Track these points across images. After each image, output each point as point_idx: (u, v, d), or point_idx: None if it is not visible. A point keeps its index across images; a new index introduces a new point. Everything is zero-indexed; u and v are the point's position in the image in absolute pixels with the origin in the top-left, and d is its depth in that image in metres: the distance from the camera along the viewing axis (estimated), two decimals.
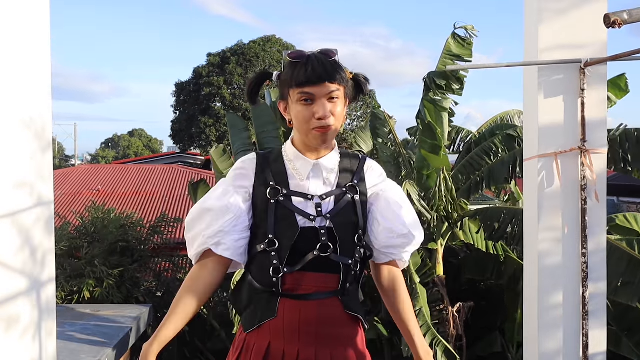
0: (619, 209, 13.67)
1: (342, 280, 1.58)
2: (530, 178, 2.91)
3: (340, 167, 1.67)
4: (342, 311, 1.58)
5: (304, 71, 1.54)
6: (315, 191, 1.61)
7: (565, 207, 2.78)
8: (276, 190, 1.60)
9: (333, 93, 1.56)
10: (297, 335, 1.54)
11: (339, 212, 1.59)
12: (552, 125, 2.77)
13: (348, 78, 1.64)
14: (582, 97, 2.73)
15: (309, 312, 1.54)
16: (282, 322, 1.55)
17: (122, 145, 53.66)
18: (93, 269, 6.25)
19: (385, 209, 1.65)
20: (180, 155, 24.83)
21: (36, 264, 2.47)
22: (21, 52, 2.35)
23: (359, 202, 1.63)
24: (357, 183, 1.66)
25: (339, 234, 1.57)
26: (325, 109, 1.55)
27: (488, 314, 6.26)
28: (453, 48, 5.25)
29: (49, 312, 2.58)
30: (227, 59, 25.90)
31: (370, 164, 1.73)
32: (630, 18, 1.43)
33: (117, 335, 4.54)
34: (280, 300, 1.56)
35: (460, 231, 5.87)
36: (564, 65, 2.75)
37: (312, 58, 1.57)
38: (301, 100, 1.56)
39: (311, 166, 1.63)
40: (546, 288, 2.77)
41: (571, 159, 2.76)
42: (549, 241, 2.77)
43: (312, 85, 1.54)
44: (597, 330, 2.75)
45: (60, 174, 16.03)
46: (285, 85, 1.60)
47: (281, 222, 1.58)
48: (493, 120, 7.41)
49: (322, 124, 1.55)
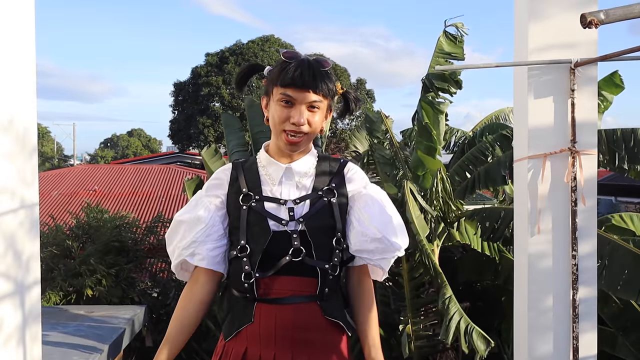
0: (616, 209, 13.65)
1: (320, 285, 1.56)
2: (520, 179, 2.88)
3: (318, 170, 1.65)
4: (320, 316, 1.56)
5: (292, 73, 1.53)
6: (288, 195, 1.60)
7: (556, 209, 2.75)
8: (248, 196, 1.60)
9: (315, 103, 1.55)
10: (274, 340, 1.53)
11: (314, 215, 1.58)
12: (542, 126, 2.75)
13: (338, 92, 1.64)
14: (572, 98, 2.71)
15: (284, 316, 1.54)
16: (259, 327, 1.54)
17: (121, 145, 53.69)
18: (89, 267, 6.22)
19: (361, 211, 1.62)
20: (179, 155, 24.86)
21: (20, 267, 2.45)
22: (3, 52, 2.32)
23: (337, 204, 1.61)
24: (335, 186, 1.63)
25: (312, 238, 1.55)
26: (302, 116, 1.54)
27: (484, 315, 6.24)
28: (445, 46, 5.22)
29: (33, 317, 2.56)
30: (225, 58, 25.89)
31: (352, 167, 1.70)
32: (607, 18, 1.41)
33: (111, 337, 4.51)
34: (257, 305, 1.55)
35: (456, 232, 5.86)
36: (554, 65, 2.73)
37: (304, 62, 1.56)
38: (281, 101, 1.56)
39: (283, 170, 1.62)
40: (536, 291, 2.75)
41: (561, 160, 2.74)
42: (539, 243, 2.74)
43: (296, 89, 1.53)
44: (588, 334, 2.73)
45: (57, 174, 16.01)
46: (271, 82, 1.60)
47: (253, 227, 1.58)
48: (487, 119, 7.39)
49: (294, 129, 1.55)
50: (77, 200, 12.21)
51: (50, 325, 4.54)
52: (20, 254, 2.44)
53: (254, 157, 1.71)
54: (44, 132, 45.51)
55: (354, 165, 1.72)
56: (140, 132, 56.39)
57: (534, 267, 2.75)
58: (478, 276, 6.21)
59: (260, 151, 1.69)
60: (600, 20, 1.43)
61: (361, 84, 27.74)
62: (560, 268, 2.73)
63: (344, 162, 1.70)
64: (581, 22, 1.52)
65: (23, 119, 2.38)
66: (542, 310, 2.73)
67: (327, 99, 1.59)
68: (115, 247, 6.75)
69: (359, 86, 27.52)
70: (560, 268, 2.73)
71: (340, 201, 1.62)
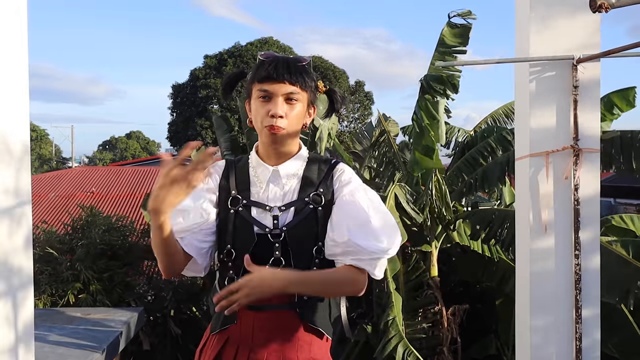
0: (615, 211, 13.62)
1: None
2: (521, 178, 2.84)
3: (305, 173, 1.63)
4: (298, 323, 1.58)
5: (267, 67, 1.55)
6: (274, 201, 1.60)
7: (558, 208, 2.71)
8: (236, 199, 1.61)
9: (292, 95, 1.56)
10: (251, 341, 1.57)
11: (298, 224, 1.57)
12: (544, 124, 2.71)
13: (319, 89, 1.65)
14: (575, 95, 2.67)
15: (263, 322, 1.57)
16: (240, 328, 1.59)
17: (120, 147, 53.64)
18: (74, 272, 6.14)
19: (335, 215, 1.57)
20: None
21: (12, 271, 2.40)
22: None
23: (322, 211, 1.58)
24: (322, 191, 1.60)
25: (292, 247, 1.55)
26: (278, 107, 1.54)
27: (483, 317, 6.20)
28: (448, 39, 5.09)
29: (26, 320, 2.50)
30: (224, 61, 25.88)
31: (340, 168, 1.66)
32: (618, 2, 1.37)
33: (107, 339, 4.48)
34: (240, 309, 1.55)
35: (454, 233, 5.83)
36: (556, 61, 2.69)
37: (279, 58, 1.58)
38: (260, 97, 1.57)
39: (270, 172, 1.62)
40: (538, 290, 2.71)
41: (564, 159, 2.70)
42: (541, 243, 2.70)
43: (271, 81, 1.54)
44: (591, 334, 2.69)
45: (55, 176, 15.96)
46: (250, 82, 1.61)
47: (239, 232, 1.59)
48: (484, 121, 7.37)
49: (271, 122, 1.54)
50: (75, 202, 12.15)
51: (46, 328, 4.50)
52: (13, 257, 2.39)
53: (247, 157, 1.71)
54: (42, 134, 45.43)
55: (344, 166, 1.67)
56: (139, 135, 56.35)
57: (535, 266, 2.71)
58: (475, 277, 6.17)
59: (252, 151, 1.69)
60: (610, 4, 1.39)
61: (360, 86, 27.72)
62: (562, 267, 2.69)
63: (334, 164, 1.66)
64: (590, 6, 1.48)
65: (15, 120, 2.34)
66: (544, 310, 2.69)
67: (305, 91, 1.58)
68: (106, 250, 6.65)
69: (358, 88, 27.50)
70: (563, 267, 2.69)
71: (326, 207, 1.59)
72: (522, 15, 2.80)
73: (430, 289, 5.51)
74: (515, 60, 2.79)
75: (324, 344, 1.64)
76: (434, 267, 5.71)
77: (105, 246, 6.56)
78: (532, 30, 2.71)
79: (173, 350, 6.68)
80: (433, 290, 5.50)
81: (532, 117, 2.72)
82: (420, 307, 5.43)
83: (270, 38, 27.29)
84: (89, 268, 6.19)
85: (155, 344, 6.61)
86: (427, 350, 5.31)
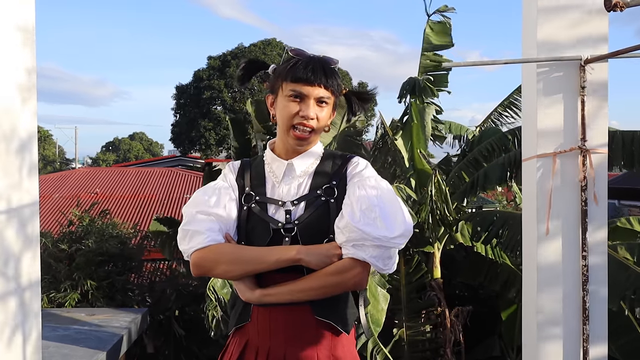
0: (620, 212, 13.57)
1: None
2: (529, 178, 2.83)
3: (319, 167, 1.64)
4: (311, 317, 1.57)
5: (303, 68, 1.55)
6: (287, 195, 1.61)
7: (565, 209, 2.70)
8: (249, 196, 1.63)
9: (324, 98, 1.58)
10: (268, 336, 1.58)
11: (309, 217, 1.57)
12: (551, 124, 2.70)
13: (342, 91, 1.65)
14: (583, 96, 2.66)
15: (277, 317, 1.58)
16: (256, 325, 1.60)
17: (123, 148, 53.72)
18: (72, 282, 6.12)
19: (344, 202, 1.56)
20: (181, 158, 24.81)
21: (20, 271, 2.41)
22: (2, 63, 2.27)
23: (335, 204, 1.58)
24: (336, 184, 1.60)
25: (303, 241, 1.55)
26: (310, 109, 1.56)
27: (487, 319, 6.18)
28: (432, 39, 5.05)
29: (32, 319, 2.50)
30: (227, 62, 25.92)
31: (355, 161, 1.66)
32: (633, 1, 1.36)
33: (111, 340, 4.48)
34: (253, 306, 1.60)
35: (457, 234, 5.80)
36: (563, 62, 2.68)
37: (314, 59, 1.59)
38: (291, 96, 1.57)
39: (284, 166, 1.63)
40: (545, 291, 2.69)
41: (571, 159, 2.69)
42: (548, 243, 2.69)
43: (307, 84, 1.55)
44: (598, 335, 2.67)
45: (59, 177, 15.99)
46: (280, 78, 1.60)
47: (253, 229, 1.60)
48: (485, 122, 7.36)
49: (303, 123, 1.56)
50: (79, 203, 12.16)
51: (51, 328, 4.51)
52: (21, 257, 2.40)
53: (261, 155, 1.73)
54: (46, 135, 45.52)
55: (359, 159, 1.66)
56: (142, 136, 56.46)
57: (542, 266, 2.70)
58: (478, 280, 6.14)
59: (266, 149, 1.71)
60: (625, 3, 1.38)
61: (362, 88, 27.72)
62: (569, 268, 2.68)
63: (349, 157, 1.67)
64: (605, 6, 1.47)
65: (20, 117, 2.34)
66: (551, 311, 2.68)
67: (335, 95, 1.61)
68: (104, 261, 6.59)
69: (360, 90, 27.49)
70: (570, 268, 2.68)
71: (339, 199, 1.58)
72: (530, 16, 2.79)
73: (432, 291, 5.49)
74: (522, 60, 2.79)
75: (346, 341, 1.63)
76: (436, 268, 5.68)
77: (102, 256, 6.52)
78: (539, 31, 2.70)
79: (177, 352, 6.66)
80: (436, 292, 5.48)
81: (540, 117, 2.71)
82: (422, 309, 5.41)
83: (273, 39, 27.33)
84: (87, 277, 6.17)
85: (159, 347, 6.59)
86: (430, 352, 5.29)
